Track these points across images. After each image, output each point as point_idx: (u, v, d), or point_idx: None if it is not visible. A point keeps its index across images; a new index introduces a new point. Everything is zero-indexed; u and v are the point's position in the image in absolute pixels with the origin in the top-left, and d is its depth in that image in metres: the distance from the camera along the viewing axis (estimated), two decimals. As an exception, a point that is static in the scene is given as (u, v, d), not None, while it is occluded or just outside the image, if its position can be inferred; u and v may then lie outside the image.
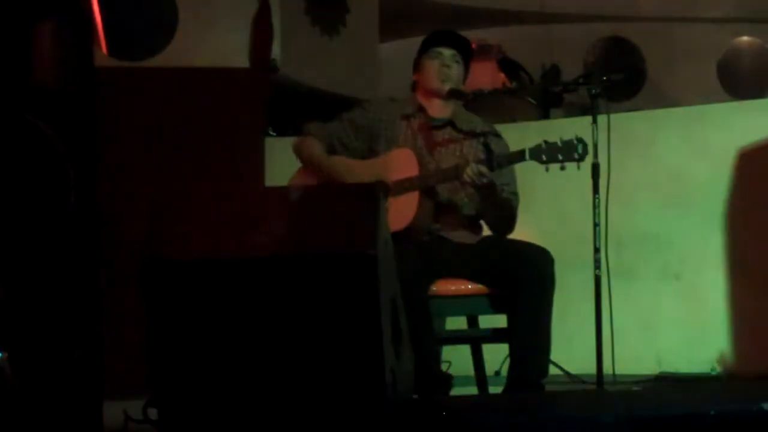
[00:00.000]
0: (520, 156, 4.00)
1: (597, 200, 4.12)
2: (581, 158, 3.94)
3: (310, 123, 4.33)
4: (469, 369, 4.22)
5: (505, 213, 4.15)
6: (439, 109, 4.25)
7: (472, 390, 4.19)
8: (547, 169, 3.95)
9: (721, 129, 5.21)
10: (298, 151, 4.32)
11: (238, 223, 3.22)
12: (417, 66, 4.30)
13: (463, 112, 4.31)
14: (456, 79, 4.23)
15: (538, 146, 3.96)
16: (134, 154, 5.09)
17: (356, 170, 4.17)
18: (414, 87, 4.32)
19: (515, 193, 4.19)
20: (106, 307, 3.86)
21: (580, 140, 3.95)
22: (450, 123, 4.24)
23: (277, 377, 3.11)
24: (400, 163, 4.11)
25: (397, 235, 3.77)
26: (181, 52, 5.16)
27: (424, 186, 4.08)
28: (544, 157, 3.95)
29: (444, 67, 4.21)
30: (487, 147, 4.07)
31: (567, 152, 3.93)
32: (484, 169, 3.94)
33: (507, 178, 4.15)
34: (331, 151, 4.27)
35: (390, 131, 4.22)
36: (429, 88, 4.23)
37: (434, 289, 4.01)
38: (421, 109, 4.25)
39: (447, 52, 4.22)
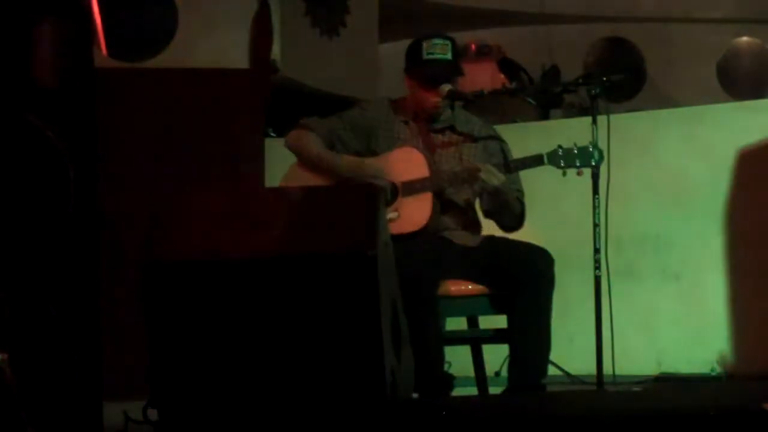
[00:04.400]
0: (537, 161, 4.02)
1: (597, 201, 4.12)
2: (597, 165, 4.01)
3: (306, 118, 4.27)
4: (469, 369, 4.21)
5: (515, 211, 4.15)
6: (436, 113, 4.22)
7: (473, 390, 4.19)
8: (564, 174, 4.00)
9: (721, 129, 5.20)
10: (294, 144, 4.22)
11: (238, 224, 3.22)
12: (408, 74, 4.21)
13: (461, 113, 4.28)
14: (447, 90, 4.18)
15: (555, 151, 4.00)
16: (134, 155, 5.09)
17: (364, 168, 4.12)
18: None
19: (521, 191, 4.20)
20: (106, 307, 3.86)
21: (595, 146, 4.01)
22: (450, 126, 4.23)
23: (278, 378, 3.11)
24: (409, 162, 4.08)
25: (405, 236, 3.78)
26: (181, 53, 5.16)
27: (438, 188, 4.07)
28: (562, 163, 3.98)
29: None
30: (503, 152, 4.13)
31: (584, 158, 3.99)
32: (501, 176, 3.97)
33: (513, 176, 4.15)
34: (330, 147, 4.20)
35: (388, 131, 4.19)
36: (419, 105, 4.20)
37: (435, 289, 4.01)
38: (417, 115, 4.23)
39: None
